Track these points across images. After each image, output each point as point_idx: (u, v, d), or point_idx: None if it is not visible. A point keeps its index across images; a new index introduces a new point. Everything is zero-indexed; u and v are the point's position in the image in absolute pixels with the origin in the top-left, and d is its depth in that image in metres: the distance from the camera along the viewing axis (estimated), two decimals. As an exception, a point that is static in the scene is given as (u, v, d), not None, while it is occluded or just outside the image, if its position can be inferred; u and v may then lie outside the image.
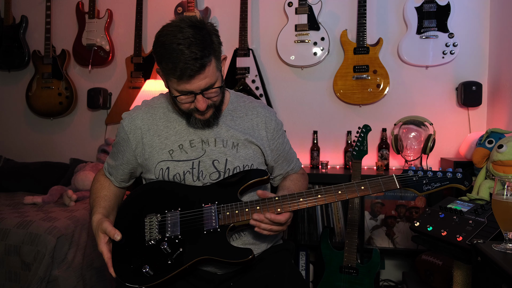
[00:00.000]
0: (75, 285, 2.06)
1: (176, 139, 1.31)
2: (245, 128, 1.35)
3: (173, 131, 1.32)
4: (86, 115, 3.15)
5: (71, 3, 3.08)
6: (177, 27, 1.14)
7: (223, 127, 1.33)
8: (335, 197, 1.22)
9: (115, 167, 1.40)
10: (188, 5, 2.80)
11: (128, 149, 1.34)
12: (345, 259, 2.08)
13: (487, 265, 1.07)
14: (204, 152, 1.30)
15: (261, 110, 1.40)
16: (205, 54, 1.13)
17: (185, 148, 1.30)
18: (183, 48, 1.11)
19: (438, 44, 2.48)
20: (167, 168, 1.29)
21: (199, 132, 1.31)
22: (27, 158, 3.16)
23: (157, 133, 1.31)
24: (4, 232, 2.05)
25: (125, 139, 1.34)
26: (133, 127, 1.32)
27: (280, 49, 2.70)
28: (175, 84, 1.18)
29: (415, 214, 2.34)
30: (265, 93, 2.72)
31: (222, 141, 1.31)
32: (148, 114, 1.34)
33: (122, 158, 1.37)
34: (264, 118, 1.38)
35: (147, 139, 1.31)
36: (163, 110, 1.35)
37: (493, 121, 2.44)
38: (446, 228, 1.49)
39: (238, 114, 1.38)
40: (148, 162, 1.32)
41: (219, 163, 1.29)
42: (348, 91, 2.61)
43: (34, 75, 3.09)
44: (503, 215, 1.09)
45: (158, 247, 1.20)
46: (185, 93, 1.19)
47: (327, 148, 2.73)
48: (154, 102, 1.38)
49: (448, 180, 1.21)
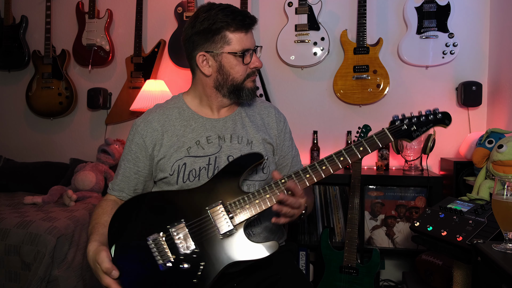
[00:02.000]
0: (75, 285, 2.06)
1: (193, 136, 1.30)
2: (258, 126, 1.38)
3: (189, 128, 1.31)
4: (86, 115, 3.15)
5: (71, 3, 3.08)
6: (209, 4, 1.27)
7: (238, 124, 1.35)
8: (339, 164, 1.19)
9: (126, 178, 1.32)
10: (188, 5, 2.80)
11: (143, 154, 1.30)
12: (345, 259, 2.07)
13: (487, 265, 1.07)
14: (220, 148, 1.30)
15: (273, 110, 1.46)
16: None
17: (201, 144, 1.30)
18: (231, 6, 1.26)
19: (438, 44, 2.48)
20: (183, 164, 1.27)
21: (215, 128, 1.32)
22: (27, 158, 3.16)
23: (175, 133, 1.31)
24: (4, 232, 2.05)
25: (140, 144, 1.30)
26: (150, 130, 1.30)
27: (280, 49, 2.70)
28: (239, 41, 1.25)
29: (415, 214, 2.34)
30: (265, 93, 2.72)
31: (237, 138, 1.32)
32: (164, 115, 1.33)
33: (136, 166, 1.31)
34: (276, 119, 1.44)
35: (166, 139, 1.30)
36: (178, 110, 1.35)
37: (493, 121, 2.44)
38: (446, 228, 1.49)
39: (252, 113, 1.41)
40: (164, 160, 1.28)
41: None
42: (348, 91, 2.61)
43: (34, 75, 3.09)
44: (503, 215, 1.09)
45: (176, 268, 1.09)
46: (247, 50, 1.26)
47: (327, 148, 2.73)
48: (168, 104, 1.38)
49: (431, 122, 1.29)
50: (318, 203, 2.44)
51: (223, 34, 1.24)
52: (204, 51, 1.26)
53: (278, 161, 1.44)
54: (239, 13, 1.24)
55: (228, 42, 1.24)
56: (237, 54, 1.25)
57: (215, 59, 1.26)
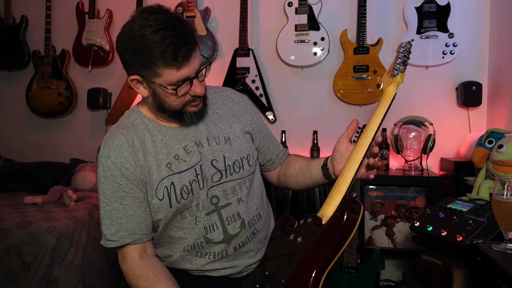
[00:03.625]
0: (75, 285, 2.06)
1: (168, 150, 1.17)
2: (229, 118, 1.27)
3: (161, 143, 1.17)
4: (86, 115, 3.15)
5: (71, 3, 3.08)
6: (146, 17, 1.02)
7: (210, 124, 1.23)
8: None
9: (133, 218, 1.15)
10: (188, 5, 2.80)
11: (132, 182, 1.14)
12: (345, 259, 2.07)
13: (487, 265, 1.07)
14: (201, 155, 1.19)
15: (235, 96, 1.33)
16: (193, 30, 1.04)
17: (182, 157, 1.17)
18: (174, 25, 1.01)
19: (438, 44, 2.48)
20: (171, 184, 1.14)
21: (189, 136, 1.19)
22: (27, 158, 3.16)
23: (148, 151, 1.15)
24: (4, 232, 2.05)
25: (125, 175, 1.13)
26: (125, 154, 1.14)
27: (280, 49, 2.70)
28: (170, 75, 1.05)
29: (415, 214, 2.34)
30: (265, 93, 2.72)
31: (214, 139, 1.21)
32: (130, 135, 1.16)
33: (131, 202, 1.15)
34: (241, 103, 1.32)
35: (141, 161, 1.14)
36: (142, 125, 1.19)
37: (493, 121, 2.44)
38: (446, 228, 1.49)
39: (217, 106, 1.28)
40: (148, 185, 1.15)
41: (218, 162, 1.20)
42: (348, 91, 2.61)
43: (34, 75, 3.09)
44: (503, 215, 1.09)
45: None
46: (182, 81, 1.06)
47: (327, 148, 2.73)
48: (126, 122, 1.20)
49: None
50: (318, 203, 2.44)
51: (152, 65, 1.04)
52: (136, 75, 1.09)
53: (260, 145, 1.34)
54: (171, 43, 1.01)
55: (158, 74, 1.06)
56: (168, 88, 1.07)
57: (149, 85, 1.10)
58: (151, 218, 1.18)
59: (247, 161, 1.25)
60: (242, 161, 1.23)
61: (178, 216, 1.19)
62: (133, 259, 1.15)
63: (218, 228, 1.20)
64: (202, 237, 1.19)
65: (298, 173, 1.33)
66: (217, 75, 2.86)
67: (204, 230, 1.19)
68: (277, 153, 1.40)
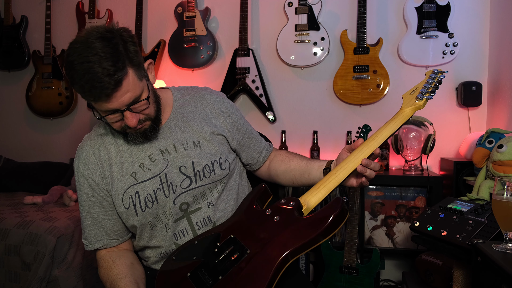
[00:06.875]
0: (75, 285, 2.06)
1: (134, 159, 1.18)
2: (200, 121, 1.25)
3: (126, 153, 1.19)
4: (86, 115, 3.15)
5: (71, 3, 3.08)
6: (85, 43, 1.01)
7: (177, 130, 1.22)
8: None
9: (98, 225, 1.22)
10: (188, 5, 2.80)
11: (102, 191, 1.20)
12: (345, 259, 2.08)
13: (487, 265, 1.07)
14: (167, 163, 1.18)
15: (209, 96, 1.29)
16: (118, 68, 1.01)
17: (146, 165, 1.18)
18: (93, 65, 0.99)
19: (438, 44, 2.48)
20: (135, 193, 1.16)
21: (155, 143, 1.20)
22: (27, 158, 3.16)
23: (114, 161, 1.19)
24: (4, 232, 2.05)
25: (92, 185, 1.20)
26: (92, 166, 1.19)
27: (280, 49, 2.70)
28: (96, 105, 1.06)
29: (415, 214, 2.34)
30: (265, 93, 2.72)
31: (182, 145, 1.20)
32: (96, 146, 1.21)
33: (102, 207, 1.21)
34: (216, 104, 1.28)
35: (107, 171, 1.19)
36: (109, 136, 1.22)
37: (493, 121, 2.44)
38: (446, 228, 1.49)
39: (188, 109, 1.26)
40: (113, 195, 1.19)
41: (186, 168, 1.19)
42: (348, 91, 2.61)
43: (34, 75, 3.09)
44: (503, 215, 1.09)
45: None
46: (111, 112, 1.06)
47: (327, 148, 2.73)
48: (97, 131, 1.25)
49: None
50: (318, 203, 2.44)
51: None
52: None
53: (240, 145, 1.32)
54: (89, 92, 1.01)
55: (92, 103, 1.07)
56: (100, 118, 1.11)
57: None
58: (121, 224, 1.24)
59: (219, 165, 1.23)
60: (214, 165, 1.22)
61: (148, 226, 1.21)
62: (103, 259, 1.24)
63: (188, 233, 1.20)
64: (173, 243, 1.20)
65: (294, 171, 1.33)
66: (217, 75, 2.86)
67: (174, 237, 1.20)
68: (259, 150, 1.40)
